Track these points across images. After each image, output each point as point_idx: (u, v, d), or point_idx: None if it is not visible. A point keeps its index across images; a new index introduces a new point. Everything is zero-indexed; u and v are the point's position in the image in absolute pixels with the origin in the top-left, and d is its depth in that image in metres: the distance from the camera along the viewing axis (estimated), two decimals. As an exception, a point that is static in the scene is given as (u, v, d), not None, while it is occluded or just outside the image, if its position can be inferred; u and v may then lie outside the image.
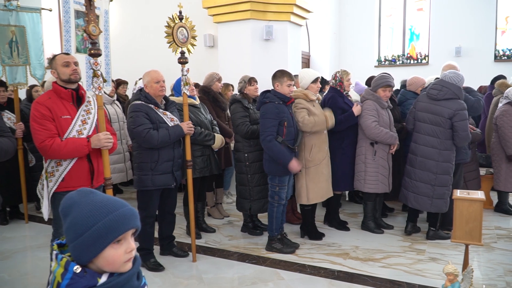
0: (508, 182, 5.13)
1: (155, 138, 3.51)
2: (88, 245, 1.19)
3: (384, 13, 10.68)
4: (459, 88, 4.16)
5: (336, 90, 4.57)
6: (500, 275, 3.58)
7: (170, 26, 3.59)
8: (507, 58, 9.30)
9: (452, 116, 4.10)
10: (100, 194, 1.27)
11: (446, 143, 4.18)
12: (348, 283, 3.47)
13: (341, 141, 4.54)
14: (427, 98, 4.30)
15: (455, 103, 4.12)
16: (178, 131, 3.65)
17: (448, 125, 4.14)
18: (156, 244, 4.00)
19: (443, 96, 4.15)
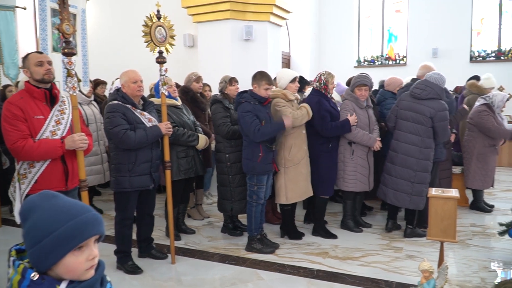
0: (475, 180, 5.32)
1: (132, 139, 3.46)
2: (47, 251, 1.14)
3: (363, 15, 10.81)
4: (442, 88, 4.27)
5: (321, 93, 4.43)
6: (475, 271, 3.65)
7: (148, 25, 3.55)
8: (482, 59, 9.52)
9: (433, 116, 4.19)
10: (64, 198, 1.22)
11: (427, 141, 4.27)
12: (328, 282, 3.48)
13: (327, 145, 4.44)
14: (410, 97, 4.38)
15: (437, 103, 4.22)
16: (156, 131, 3.61)
17: (430, 123, 4.23)
18: (134, 246, 3.94)
19: (426, 95, 4.24)
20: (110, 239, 4.36)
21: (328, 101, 4.45)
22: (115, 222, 3.75)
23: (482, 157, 5.28)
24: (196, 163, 4.43)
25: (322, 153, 4.43)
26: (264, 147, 3.92)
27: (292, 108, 4.24)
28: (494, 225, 4.75)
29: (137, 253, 4.01)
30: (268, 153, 3.97)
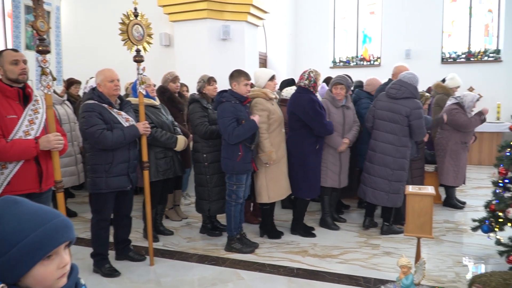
0: (448, 176, 5.48)
1: (109, 139, 3.39)
2: (14, 263, 1.05)
3: (338, 16, 10.94)
4: (416, 88, 4.38)
5: (309, 91, 4.37)
6: (449, 266, 3.75)
7: (125, 23, 3.49)
8: (453, 61, 9.78)
9: (409, 114, 4.29)
10: (27, 203, 1.13)
11: (403, 139, 4.36)
12: (307, 280, 3.51)
13: (314, 145, 4.40)
14: (386, 97, 4.47)
15: (411, 102, 4.32)
16: (133, 131, 3.55)
17: (405, 122, 4.32)
18: (111, 249, 3.86)
19: (401, 95, 4.34)
20: (86, 242, 4.29)
21: (317, 98, 4.43)
22: (91, 224, 3.66)
23: (454, 154, 5.45)
24: (175, 164, 4.38)
25: (310, 154, 4.40)
26: (244, 146, 3.92)
27: (273, 106, 4.26)
28: (466, 221, 4.89)
29: (114, 256, 3.93)
30: (248, 153, 3.97)
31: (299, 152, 4.40)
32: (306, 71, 4.44)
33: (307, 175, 4.40)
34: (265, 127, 4.14)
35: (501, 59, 9.32)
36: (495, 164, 3.71)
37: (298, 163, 4.41)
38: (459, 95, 5.50)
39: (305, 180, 4.41)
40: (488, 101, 9.11)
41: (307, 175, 4.40)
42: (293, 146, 4.44)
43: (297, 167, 4.42)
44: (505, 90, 8.81)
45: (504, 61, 9.25)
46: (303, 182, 4.41)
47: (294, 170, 4.44)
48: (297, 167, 4.42)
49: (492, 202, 3.64)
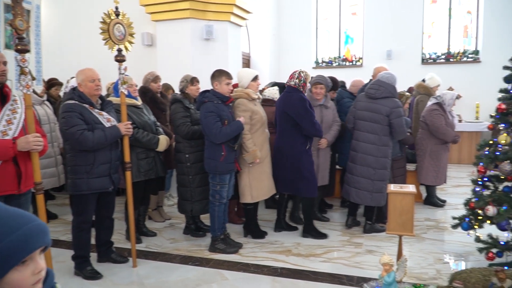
0: (428, 176, 5.57)
1: (90, 139, 3.34)
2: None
3: (320, 17, 11.01)
4: (394, 87, 4.44)
5: (299, 90, 4.33)
6: (430, 264, 3.81)
7: (106, 22, 3.44)
8: (433, 61, 9.95)
9: (389, 114, 4.34)
10: (1, 207, 1.09)
11: (384, 139, 4.41)
12: (291, 279, 3.52)
13: (306, 145, 4.36)
14: (365, 98, 4.52)
15: (391, 101, 4.37)
16: (114, 132, 3.50)
17: (386, 122, 4.36)
18: (93, 251, 3.81)
19: (380, 95, 4.39)
20: (67, 244, 4.23)
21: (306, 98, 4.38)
22: (72, 227, 3.60)
23: (434, 154, 5.53)
24: (156, 164, 4.35)
25: (302, 154, 4.35)
26: (227, 146, 3.91)
27: (256, 107, 4.26)
28: (447, 219, 4.98)
29: (96, 258, 3.88)
30: (231, 153, 3.97)
31: (291, 152, 4.35)
32: (297, 71, 4.40)
33: (303, 175, 4.34)
34: (248, 127, 4.14)
35: (480, 60, 9.52)
36: (474, 163, 3.77)
37: (292, 164, 4.35)
38: (439, 95, 5.60)
39: (302, 179, 4.35)
40: (467, 101, 9.33)
41: (303, 174, 4.34)
42: (285, 147, 4.38)
43: (291, 168, 4.36)
44: (484, 90, 8.99)
45: (483, 62, 9.45)
46: (300, 182, 4.36)
47: (289, 171, 4.38)
48: (292, 168, 4.36)
49: (472, 200, 3.71)
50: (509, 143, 3.40)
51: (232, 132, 3.88)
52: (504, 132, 3.49)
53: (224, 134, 3.84)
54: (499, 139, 3.48)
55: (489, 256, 3.49)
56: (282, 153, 4.41)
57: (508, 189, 3.52)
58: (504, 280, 2.55)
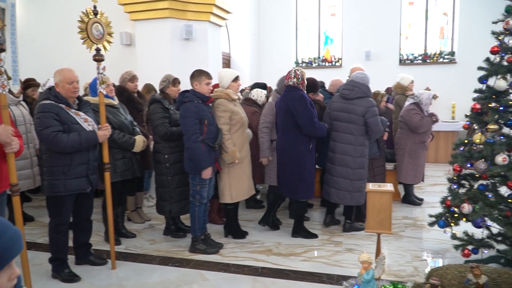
0: (408, 175, 5.67)
1: (63, 142, 3.26)
2: None
3: (300, 17, 11.07)
4: (368, 87, 4.49)
5: (298, 88, 4.29)
6: (408, 261, 3.88)
7: (84, 21, 3.40)
8: (410, 62, 10.12)
9: (364, 113, 4.38)
10: None
11: (360, 139, 4.45)
12: (272, 278, 3.53)
13: (309, 145, 4.32)
14: (340, 98, 4.55)
15: (365, 101, 4.42)
16: (91, 138, 3.41)
17: (361, 122, 4.40)
18: (70, 253, 3.75)
19: (354, 95, 4.43)
20: (44, 247, 4.15)
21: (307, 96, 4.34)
22: (49, 229, 3.53)
23: (413, 153, 5.64)
24: (133, 165, 4.30)
25: (305, 154, 4.31)
26: (207, 146, 3.90)
27: (236, 107, 4.26)
28: (424, 217, 5.07)
29: (74, 260, 3.81)
30: (211, 153, 3.95)
31: (293, 152, 4.31)
32: (292, 70, 4.37)
33: (303, 176, 4.31)
34: (227, 128, 4.14)
35: (456, 61, 9.73)
36: (450, 162, 3.85)
37: (292, 164, 4.33)
38: (416, 95, 5.70)
39: (301, 181, 4.32)
40: (443, 101, 9.54)
41: (303, 175, 4.31)
42: (286, 147, 4.36)
43: (292, 168, 4.33)
44: (459, 91, 9.19)
45: (459, 63, 9.66)
46: (300, 183, 4.32)
47: (289, 171, 4.35)
48: (292, 168, 4.33)
49: (448, 198, 3.80)
50: (483, 142, 3.49)
51: (199, 155, 3.82)
52: (479, 132, 3.57)
53: (192, 147, 3.82)
54: (474, 138, 3.57)
55: (465, 253, 3.57)
56: (285, 153, 4.37)
57: (483, 187, 3.61)
58: (479, 276, 2.62)
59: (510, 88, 3.46)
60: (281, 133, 4.44)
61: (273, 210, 4.80)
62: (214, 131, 3.99)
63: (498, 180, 3.60)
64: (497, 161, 3.32)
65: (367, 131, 4.46)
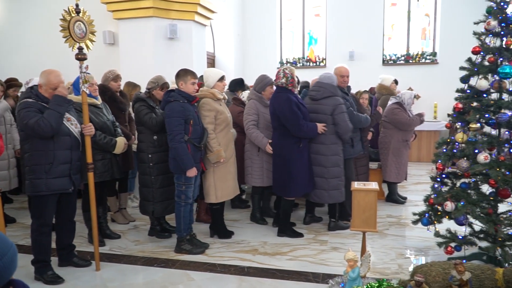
0: (392, 173, 5.76)
1: (48, 124, 3.20)
2: None
3: (284, 17, 11.10)
4: (334, 86, 4.56)
5: (286, 89, 4.33)
6: (392, 259, 3.92)
7: (66, 20, 3.35)
8: (393, 62, 10.24)
9: (332, 112, 4.46)
10: None
11: (332, 137, 4.51)
12: (258, 278, 3.53)
13: (298, 144, 4.34)
14: (309, 100, 4.64)
15: (333, 99, 4.50)
16: (60, 100, 3.31)
17: (331, 121, 4.48)
18: (53, 255, 3.69)
19: (321, 95, 4.51)
20: (25, 249, 4.08)
21: (295, 97, 4.38)
22: (31, 230, 3.47)
23: (396, 151, 5.71)
24: (112, 166, 4.26)
25: (294, 153, 4.35)
26: (192, 146, 3.88)
27: (221, 107, 4.24)
28: (408, 215, 5.13)
29: (57, 262, 3.75)
30: (196, 152, 3.93)
31: (282, 152, 4.38)
32: (280, 70, 4.38)
33: (293, 175, 4.35)
34: (212, 127, 4.13)
35: (438, 61, 9.88)
36: (433, 160, 3.91)
37: (282, 163, 4.39)
38: (399, 95, 5.78)
39: (291, 179, 4.37)
40: (426, 101, 9.68)
41: (293, 174, 4.35)
42: (276, 146, 4.44)
43: (281, 167, 4.40)
44: (441, 91, 9.33)
45: (440, 63, 9.81)
46: (289, 182, 4.37)
47: (279, 170, 4.44)
48: (282, 167, 4.39)
49: (431, 196, 3.84)
50: (465, 141, 3.55)
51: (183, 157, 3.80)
52: (461, 131, 3.64)
53: (176, 148, 3.80)
54: (456, 137, 3.63)
55: (448, 250, 3.63)
56: (275, 153, 4.47)
57: (465, 185, 3.67)
58: (463, 272, 2.66)
59: (492, 88, 3.52)
60: (273, 133, 4.54)
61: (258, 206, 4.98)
62: (200, 131, 3.98)
63: (480, 178, 3.67)
64: (479, 160, 3.38)
65: (336, 129, 4.52)
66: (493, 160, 3.37)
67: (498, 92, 3.50)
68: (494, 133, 3.57)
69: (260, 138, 4.62)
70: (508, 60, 3.42)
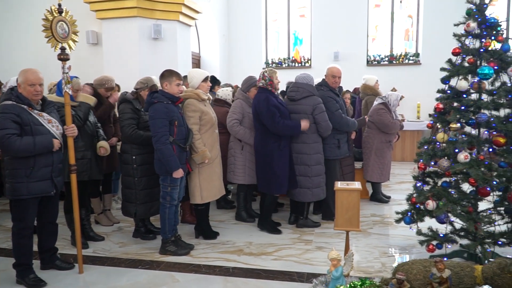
0: (374, 173, 5.82)
1: (16, 145, 3.14)
2: None
3: (270, 18, 11.13)
4: (312, 86, 4.66)
5: (267, 90, 4.47)
6: (376, 257, 3.97)
7: (48, 20, 3.31)
8: (377, 63, 10.34)
9: (312, 111, 4.55)
10: None
11: (313, 136, 4.61)
12: (243, 278, 3.54)
13: (279, 143, 4.45)
14: (289, 101, 4.71)
15: (312, 99, 4.59)
16: (45, 144, 3.28)
17: (311, 120, 4.56)
18: (36, 258, 3.64)
19: (300, 95, 4.60)
20: (7, 252, 4.03)
21: (275, 98, 4.49)
22: (12, 233, 3.41)
23: (379, 152, 5.77)
24: (91, 167, 4.22)
25: (275, 151, 4.46)
26: (177, 147, 3.87)
27: (205, 107, 4.24)
28: (391, 214, 5.20)
29: (39, 265, 3.70)
30: (182, 153, 3.92)
31: (263, 150, 4.51)
32: (262, 72, 4.55)
33: (275, 172, 4.46)
34: (197, 128, 4.13)
35: (420, 62, 10.01)
36: (415, 160, 3.97)
37: (264, 161, 4.52)
38: (385, 95, 5.84)
39: (273, 177, 4.48)
40: (409, 101, 9.81)
41: (275, 172, 4.46)
42: (258, 145, 4.57)
43: (264, 165, 4.53)
44: (424, 91, 9.45)
45: (423, 64, 9.94)
46: (271, 178, 4.50)
47: (261, 168, 4.58)
48: (264, 165, 4.52)
49: (413, 195, 3.90)
50: (446, 140, 3.61)
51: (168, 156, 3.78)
52: (442, 131, 3.70)
53: (161, 150, 3.78)
54: (438, 137, 3.69)
55: (430, 248, 3.68)
56: (257, 151, 4.59)
57: (446, 184, 3.74)
58: (443, 270, 2.71)
59: (471, 88, 3.59)
60: (255, 132, 4.65)
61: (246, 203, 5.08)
62: (185, 131, 3.97)
63: (461, 177, 3.74)
64: (459, 159, 3.44)
65: (317, 128, 4.61)
66: (473, 159, 3.44)
67: (477, 93, 3.57)
68: (474, 133, 3.64)
69: (247, 135, 4.76)
70: (487, 61, 3.50)
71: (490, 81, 3.54)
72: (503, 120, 3.43)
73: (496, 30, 3.53)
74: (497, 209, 3.56)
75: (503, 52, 3.49)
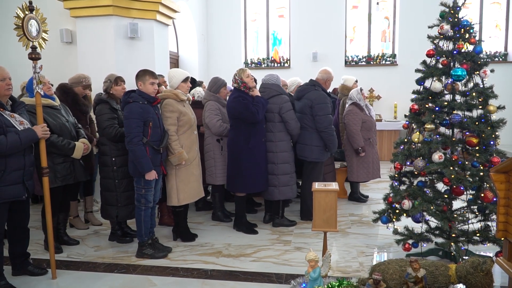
0: (359, 173, 5.81)
1: (3, 144, 3.07)
2: None
3: (249, 18, 11.11)
4: (278, 85, 4.79)
5: (240, 90, 4.53)
6: (354, 257, 3.99)
7: (20, 17, 3.22)
8: (355, 64, 10.45)
9: (278, 110, 4.64)
10: None
11: (279, 135, 4.70)
12: (221, 280, 3.51)
13: (247, 142, 4.50)
14: None
15: (279, 98, 4.69)
16: (30, 135, 3.25)
17: (278, 119, 4.68)
18: (7, 264, 3.53)
19: (268, 95, 4.70)
20: (-24, 259, 3.87)
21: (250, 97, 4.51)
22: (-19, 239, 3.30)
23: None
24: (75, 169, 4.12)
25: (243, 150, 4.52)
26: (151, 149, 3.81)
27: (184, 108, 4.19)
28: (369, 213, 5.24)
29: (11, 271, 3.59)
30: (155, 155, 3.86)
31: (233, 148, 4.59)
32: (234, 75, 4.62)
33: (241, 171, 4.53)
34: (174, 129, 4.08)
35: (397, 63, 10.16)
36: (391, 160, 4.01)
37: (233, 159, 4.61)
38: (350, 96, 5.85)
39: (239, 175, 4.56)
40: (386, 101, 9.96)
41: (241, 171, 4.53)
42: (229, 144, 4.66)
43: (233, 163, 4.62)
44: (401, 91, 9.61)
45: (400, 65, 10.09)
46: (237, 177, 4.58)
47: (231, 166, 4.66)
48: (233, 163, 4.62)
49: (390, 195, 3.95)
50: (421, 141, 3.66)
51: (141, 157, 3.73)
52: (417, 131, 3.75)
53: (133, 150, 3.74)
54: (413, 138, 3.74)
55: (406, 247, 3.74)
56: (228, 150, 4.66)
57: (421, 183, 3.80)
58: (418, 269, 2.74)
59: (445, 90, 3.65)
60: (229, 131, 4.74)
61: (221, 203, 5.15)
62: (160, 133, 3.91)
63: (435, 177, 3.80)
64: (434, 159, 3.50)
65: (285, 127, 4.70)
66: (447, 159, 3.50)
67: (451, 94, 3.64)
68: (448, 133, 3.70)
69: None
70: (460, 63, 3.56)
71: (463, 82, 3.61)
72: (476, 121, 3.50)
73: (469, 33, 3.60)
74: (471, 208, 3.63)
75: (476, 54, 3.56)
